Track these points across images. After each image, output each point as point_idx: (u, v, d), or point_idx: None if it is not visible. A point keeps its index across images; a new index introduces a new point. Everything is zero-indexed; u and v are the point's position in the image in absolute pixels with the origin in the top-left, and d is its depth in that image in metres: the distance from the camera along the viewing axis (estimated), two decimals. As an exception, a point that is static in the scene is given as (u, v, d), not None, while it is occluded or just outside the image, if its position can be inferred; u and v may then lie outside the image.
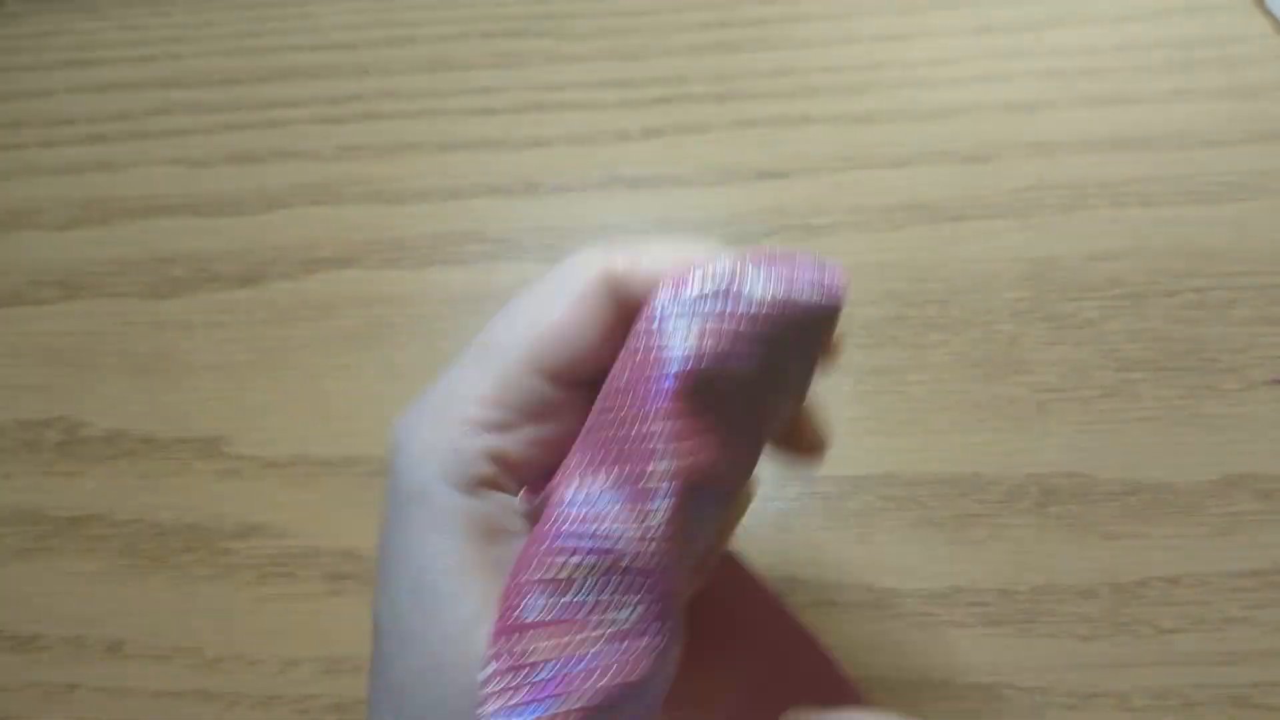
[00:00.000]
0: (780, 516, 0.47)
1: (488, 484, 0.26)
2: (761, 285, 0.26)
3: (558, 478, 0.26)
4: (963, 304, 0.49)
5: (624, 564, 0.25)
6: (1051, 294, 0.50)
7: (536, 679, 0.24)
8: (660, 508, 0.25)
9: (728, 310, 0.25)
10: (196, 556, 0.49)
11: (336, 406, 0.51)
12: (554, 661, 0.24)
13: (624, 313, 0.27)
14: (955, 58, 0.55)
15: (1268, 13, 0.55)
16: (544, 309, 0.27)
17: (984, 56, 0.55)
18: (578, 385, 0.28)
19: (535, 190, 0.55)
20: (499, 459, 0.27)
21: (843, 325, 0.48)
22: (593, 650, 0.24)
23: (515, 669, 0.24)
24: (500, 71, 0.58)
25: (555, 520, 0.25)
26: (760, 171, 0.54)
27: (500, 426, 0.27)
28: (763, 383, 0.26)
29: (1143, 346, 0.49)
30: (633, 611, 0.25)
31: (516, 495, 0.27)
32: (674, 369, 0.25)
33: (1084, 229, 0.51)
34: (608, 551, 0.25)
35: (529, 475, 0.28)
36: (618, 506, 0.25)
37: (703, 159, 0.55)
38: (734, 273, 0.26)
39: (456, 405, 0.27)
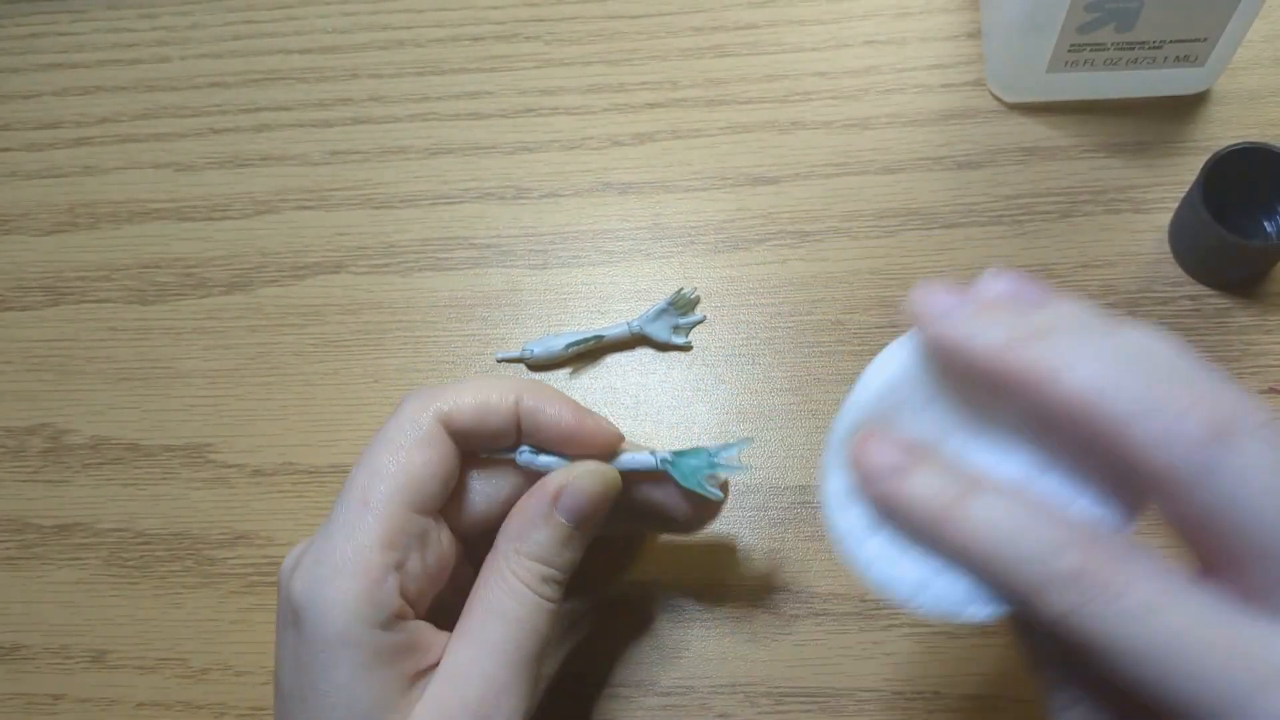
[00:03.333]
0: (772, 526, 0.47)
1: (400, 615, 0.32)
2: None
3: None
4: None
5: None
6: (1045, 301, 0.50)
7: None
8: None
9: None
10: (183, 565, 0.49)
11: (325, 414, 0.51)
12: None
13: (457, 443, 0.35)
14: (949, 63, 0.55)
15: None
16: (406, 456, 0.33)
17: (978, 61, 0.55)
18: (437, 515, 0.35)
19: (525, 195, 0.54)
20: (405, 593, 0.32)
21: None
22: None
23: None
24: (490, 75, 0.57)
25: None
26: (752, 177, 0.54)
27: (397, 565, 0.32)
28: None
29: (1136, 354, 0.48)
30: None
31: (420, 620, 0.33)
32: None
33: (1077, 236, 0.51)
34: None
35: (421, 600, 0.34)
36: None
37: (694, 164, 0.54)
38: None
39: (358, 555, 0.32)
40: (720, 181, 0.54)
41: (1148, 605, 0.23)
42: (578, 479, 0.35)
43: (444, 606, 0.35)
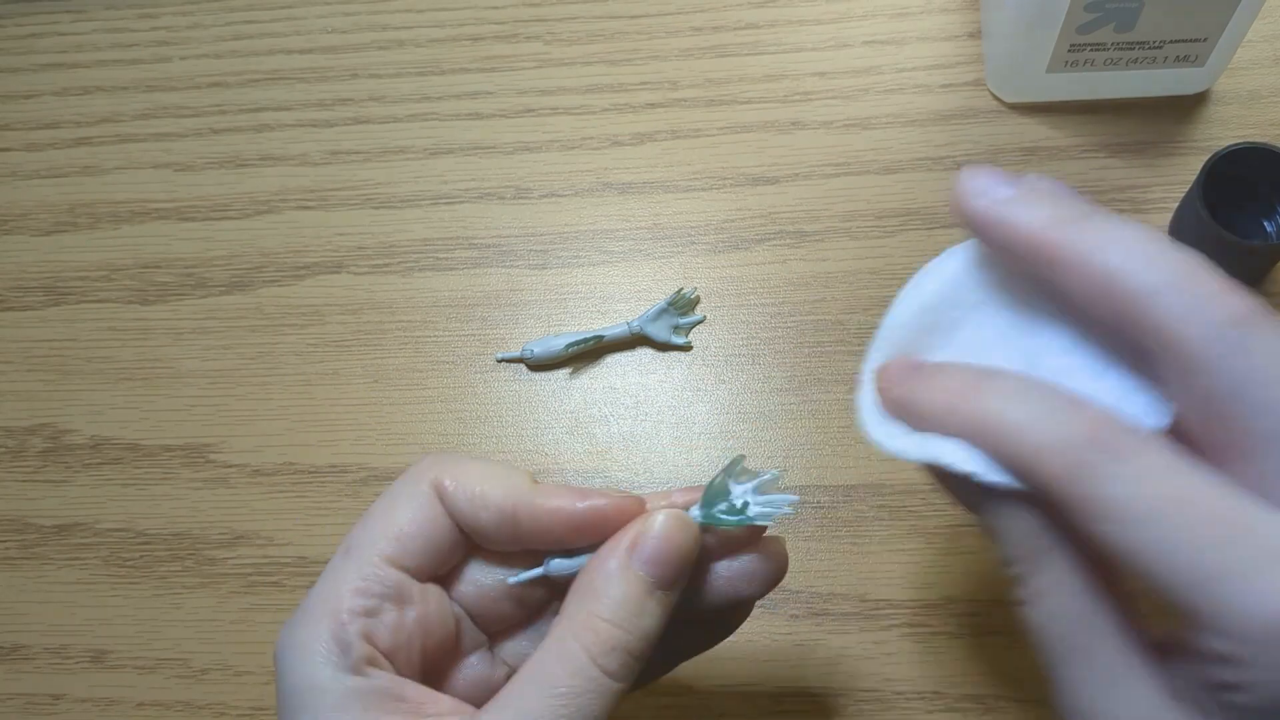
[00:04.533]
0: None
1: (370, 662, 0.30)
2: None
3: None
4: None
5: None
6: (1045, 301, 0.50)
7: None
8: None
9: None
10: (183, 565, 0.49)
11: (325, 414, 0.51)
12: None
13: (455, 521, 0.32)
14: (949, 63, 0.55)
15: None
16: (392, 513, 0.32)
17: (978, 61, 0.55)
18: (429, 579, 0.32)
19: (525, 195, 0.54)
20: (372, 639, 0.30)
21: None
22: None
23: None
24: (490, 75, 0.57)
25: None
26: (752, 177, 0.54)
27: (368, 612, 0.30)
28: None
29: (1136, 354, 0.48)
30: None
31: (394, 672, 0.30)
32: None
33: (1077, 236, 0.51)
34: None
35: (401, 656, 0.31)
36: None
37: (694, 164, 0.54)
38: None
39: (330, 601, 0.30)
40: (720, 181, 0.54)
41: (1151, 469, 0.24)
42: (654, 524, 0.30)
43: (456, 690, 0.33)
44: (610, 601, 0.29)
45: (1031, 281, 0.28)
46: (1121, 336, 0.26)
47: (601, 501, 0.31)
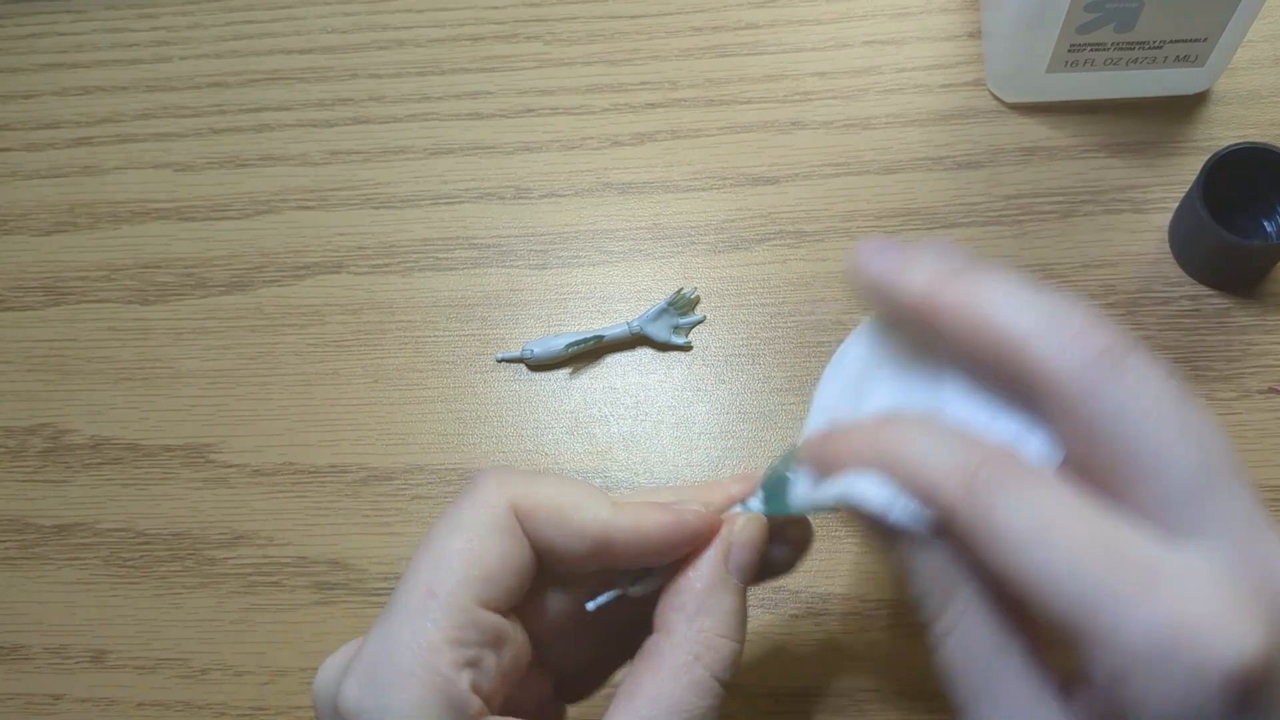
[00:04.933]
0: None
1: (481, 715, 0.28)
2: None
3: None
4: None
5: None
6: (1045, 301, 0.50)
7: None
8: None
9: None
10: (183, 565, 0.49)
11: (325, 414, 0.51)
12: None
13: (535, 547, 0.30)
14: (949, 63, 0.55)
15: None
16: (473, 547, 0.29)
17: (978, 61, 0.55)
18: (515, 610, 0.30)
19: (525, 195, 0.54)
20: (479, 693, 0.28)
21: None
22: None
23: None
24: (490, 75, 0.57)
25: None
26: (752, 177, 0.54)
27: (471, 663, 0.28)
28: None
29: (1136, 354, 0.48)
30: None
31: (498, 715, 0.28)
32: None
33: (1077, 236, 0.51)
34: None
35: (496, 699, 0.29)
36: None
37: (694, 164, 0.54)
38: None
39: (429, 655, 0.27)
40: (720, 181, 0.54)
41: (1039, 496, 0.25)
42: (741, 531, 0.31)
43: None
44: (722, 616, 0.30)
45: (927, 340, 0.30)
46: (1008, 381, 0.28)
47: (693, 520, 0.31)
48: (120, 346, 0.53)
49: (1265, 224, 0.49)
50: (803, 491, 0.31)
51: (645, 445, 0.49)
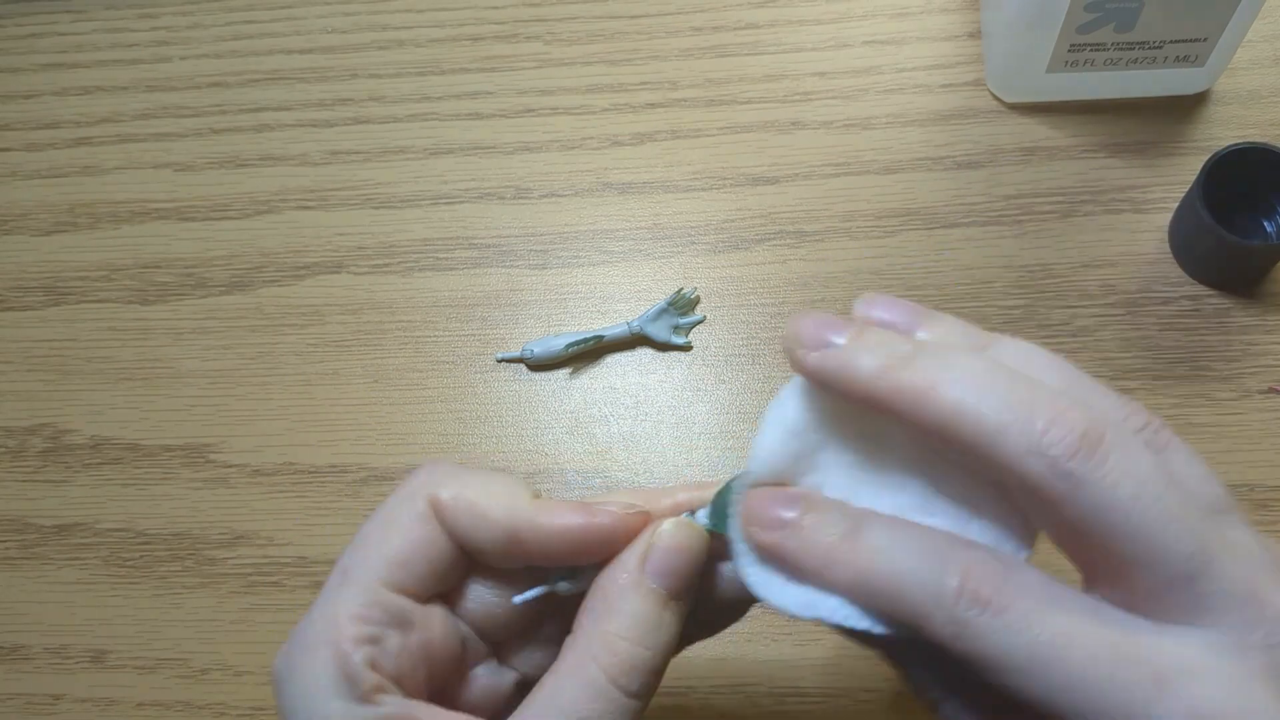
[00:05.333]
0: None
1: (379, 690, 0.28)
2: None
3: None
4: (956, 311, 0.48)
5: None
6: (1045, 302, 0.50)
7: None
8: None
9: None
10: (182, 565, 0.49)
11: (325, 414, 0.51)
12: None
13: (453, 539, 0.30)
14: (949, 63, 0.55)
15: None
16: (389, 534, 0.30)
17: (978, 61, 0.55)
18: (431, 600, 0.31)
19: (525, 195, 0.54)
20: (378, 668, 0.28)
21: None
22: None
23: None
24: (490, 75, 0.57)
25: None
26: (752, 177, 0.54)
27: (371, 640, 0.29)
28: None
29: (1136, 355, 0.48)
30: None
31: (401, 695, 0.29)
32: None
33: (1077, 236, 0.51)
34: None
35: (408, 681, 0.29)
36: None
37: (694, 164, 0.54)
38: None
39: (331, 629, 0.28)
40: (720, 181, 0.54)
41: (1029, 616, 0.24)
42: (662, 535, 0.30)
43: (465, 704, 0.33)
44: (627, 619, 0.29)
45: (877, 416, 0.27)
46: (973, 470, 0.27)
47: (605, 520, 0.30)
48: (120, 346, 0.53)
49: (1265, 224, 0.49)
50: (743, 552, 0.29)
51: (645, 445, 0.49)
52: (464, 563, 0.31)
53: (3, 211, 0.57)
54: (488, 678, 0.33)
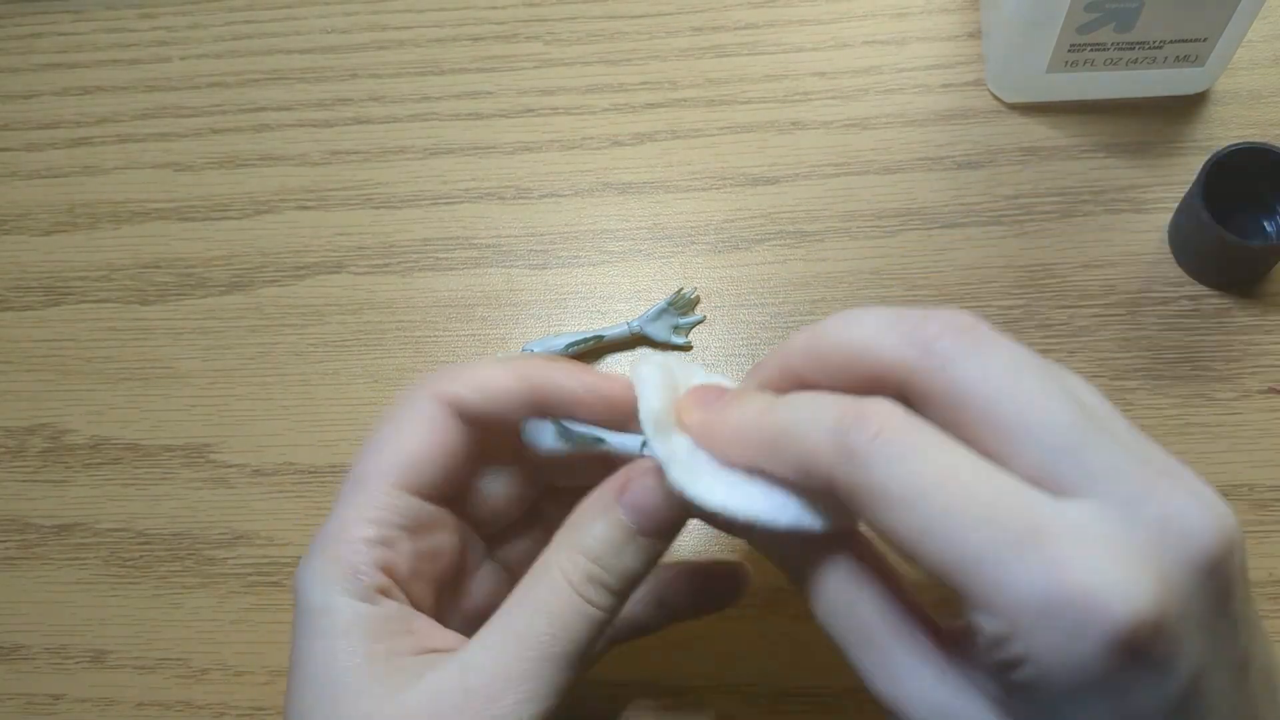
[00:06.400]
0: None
1: (383, 592, 0.30)
2: None
3: None
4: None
5: None
6: (1044, 302, 0.50)
7: None
8: None
9: None
10: (182, 565, 0.49)
11: (325, 413, 0.51)
12: None
13: (472, 428, 0.32)
14: (949, 63, 0.55)
15: None
16: (400, 436, 0.31)
17: (978, 61, 0.55)
18: (447, 501, 0.33)
19: (525, 195, 0.54)
20: (388, 571, 0.30)
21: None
22: None
23: None
24: (490, 75, 0.57)
25: None
26: (752, 177, 0.54)
27: (384, 542, 0.30)
28: None
29: (1136, 355, 0.48)
30: None
31: (408, 603, 0.31)
32: None
33: (1077, 236, 0.51)
34: None
35: (416, 585, 0.32)
36: None
37: (694, 164, 0.54)
38: None
39: (343, 530, 0.30)
40: (720, 181, 0.54)
41: (917, 448, 0.24)
42: (641, 474, 0.31)
43: (463, 615, 0.34)
44: (591, 538, 0.30)
45: None
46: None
47: (605, 385, 0.32)
48: (120, 346, 0.53)
49: (1265, 224, 0.49)
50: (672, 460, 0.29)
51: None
52: (474, 460, 0.33)
53: (3, 211, 0.57)
54: (489, 580, 0.35)
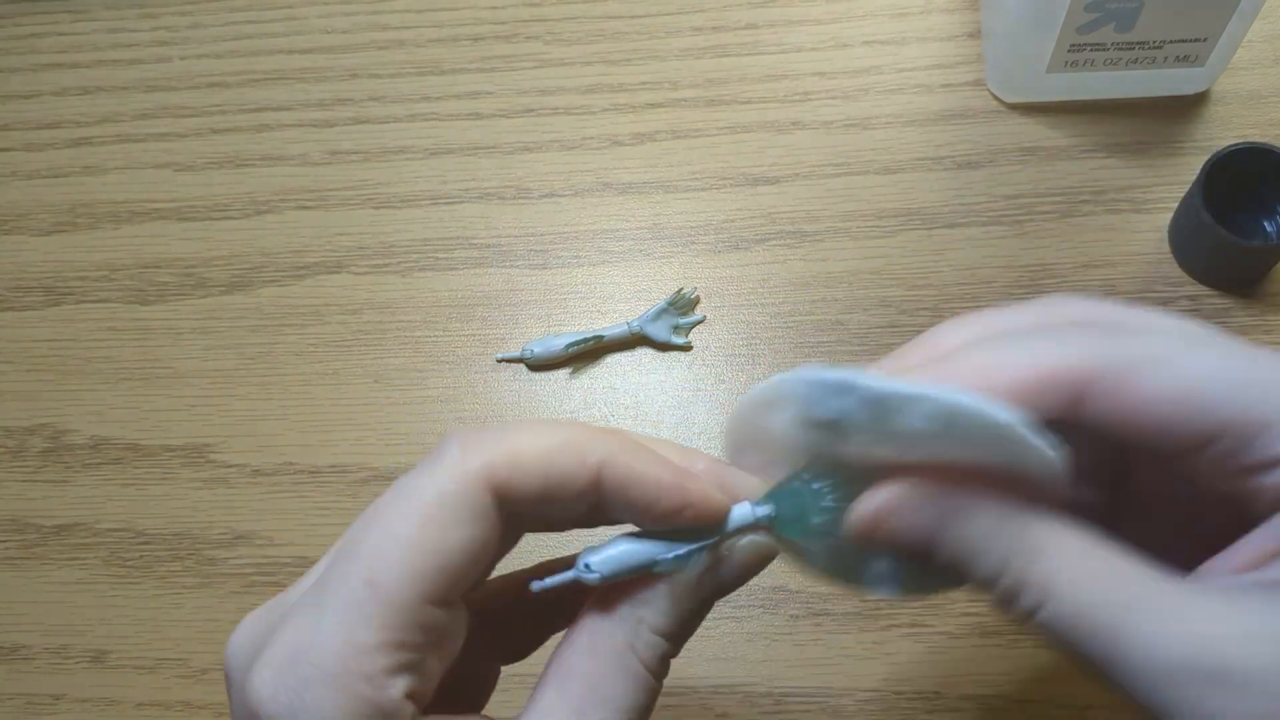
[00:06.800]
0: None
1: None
2: None
3: None
4: (956, 311, 0.48)
5: None
6: (1045, 301, 0.50)
7: None
8: None
9: None
10: (183, 565, 0.49)
11: (324, 414, 0.51)
12: None
13: (506, 514, 0.25)
14: (949, 63, 0.55)
15: None
16: (433, 533, 0.24)
17: (978, 61, 0.55)
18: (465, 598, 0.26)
19: (525, 195, 0.54)
20: (415, 699, 0.24)
21: (827, 344, 0.48)
22: None
23: None
24: (490, 75, 0.57)
25: None
26: (752, 177, 0.54)
27: (408, 668, 0.24)
28: None
29: (1136, 354, 0.48)
30: None
31: (420, 711, 0.24)
32: None
33: (1077, 236, 0.51)
34: None
35: (429, 698, 0.25)
36: None
37: (694, 164, 0.54)
38: None
39: (357, 658, 0.23)
40: (720, 181, 0.54)
41: (1175, 350, 0.24)
42: (743, 552, 0.27)
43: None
44: (668, 618, 0.26)
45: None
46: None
47: (697, 495, 0.26)
48: (120, 346, 0.53)
49: (1265, 224, 0.49)
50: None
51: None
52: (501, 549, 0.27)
53: (3, 211, 0.57)
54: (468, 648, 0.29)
